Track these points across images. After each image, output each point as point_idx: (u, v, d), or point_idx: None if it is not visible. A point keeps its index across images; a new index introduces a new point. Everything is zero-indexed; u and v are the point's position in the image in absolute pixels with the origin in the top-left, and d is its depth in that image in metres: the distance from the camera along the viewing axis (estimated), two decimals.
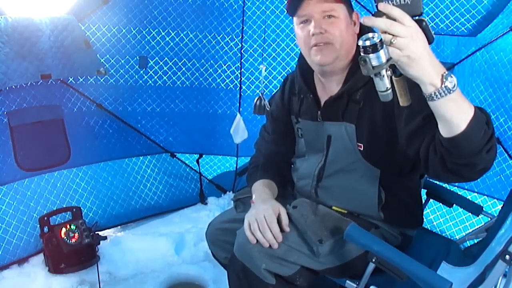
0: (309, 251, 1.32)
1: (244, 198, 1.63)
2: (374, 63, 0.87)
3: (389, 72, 0.90)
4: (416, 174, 1.42)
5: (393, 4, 0.86)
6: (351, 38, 1.34)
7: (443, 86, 0.88)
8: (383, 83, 0.90)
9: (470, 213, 1.64)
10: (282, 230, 1.31)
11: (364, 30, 1.34)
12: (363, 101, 1.32)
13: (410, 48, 0.84)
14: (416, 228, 1.51)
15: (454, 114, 0.92)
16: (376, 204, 1.37)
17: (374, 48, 0.86)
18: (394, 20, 0.84)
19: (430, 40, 0.88)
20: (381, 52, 0.86)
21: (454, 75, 0.90)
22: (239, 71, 2.78)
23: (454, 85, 0.88)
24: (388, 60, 0.87)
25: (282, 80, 1.64)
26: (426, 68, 0.87)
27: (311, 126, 1.45)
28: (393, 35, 0.84)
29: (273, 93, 1.69)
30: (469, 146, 0.95)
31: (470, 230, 2.05)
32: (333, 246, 1.33)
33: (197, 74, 2.72)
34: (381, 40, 0.86)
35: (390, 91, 0.92)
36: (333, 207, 1.44)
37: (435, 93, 0.89)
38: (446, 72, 0.89)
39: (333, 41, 1.29)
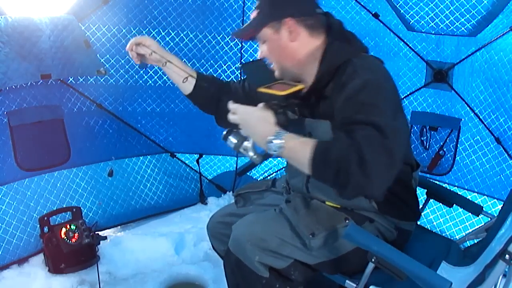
0: (302, 244, 1.33)
1: (245, 193, 1.66)
2: (231, 145, 1.28)
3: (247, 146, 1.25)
4: (405, 166, 1.40)
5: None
6: (290, 49, 1.33)
7: (267, 152, 1.20)
8: (247, 154, 1.26)
9: (470, 213, 1.64)
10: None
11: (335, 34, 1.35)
12: (332, 96, 1.30)
13: (242, 126, 1.25)
14: (412, 222, 1.49)
15: (291, 163, 1.22)
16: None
17: (225, 137, 1.28)
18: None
19: (284, 123, 1.24)
20: (231, 138, 1.27)
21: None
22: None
23: (276, 150, 1.17)
24: (242, 138, 1.26)
25: None
26: (256, 139, 1.23)
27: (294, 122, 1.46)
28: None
29: None
30: (322, 182, 1.17)
31: (470, 230, 2.05)
32: (325, 240, 1.33)
33: None
34: (228, 130, 1.29)
35: (255, 157, 1.26)
36: (327, 202, 1.44)
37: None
38: (271, 138, 1.17)
39: (271, 61, 1.39)
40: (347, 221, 1.37)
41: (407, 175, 1.43)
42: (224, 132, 1.29)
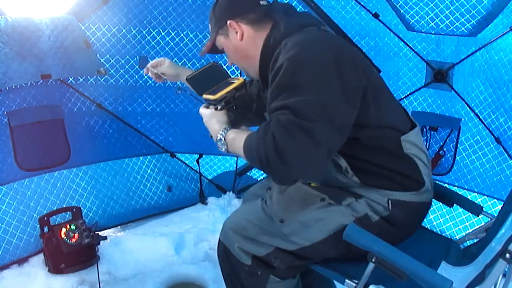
0: (279, 231, 1.35)
1: None
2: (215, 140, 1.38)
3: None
4: (387, 131, 1.29)
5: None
6: (241, 49, 1.37)
7: (217, 144, 1.33)
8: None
9: (470, 213, 1.64)
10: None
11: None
12: None
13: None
14: (411, 191, 1.33)
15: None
16: (334, 170, 1.30)
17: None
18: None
19: (235, 120, 1.38)
20: None
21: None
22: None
23: (221, 146, 1.31)
24: None
25: None
26: (212, 133, 1.36)
27: None
28: None
29: None
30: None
31: (470, 230, 2.04)
32: (298, 225, 1.33)
33: None
34: None
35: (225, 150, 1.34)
36: (312, 184, 1.40)
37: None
38: (218, 138, 1.31)
39: (238, 66, 1.47)
40: (323, 201, 1.33)
41: (391, 141, 1.30)
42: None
